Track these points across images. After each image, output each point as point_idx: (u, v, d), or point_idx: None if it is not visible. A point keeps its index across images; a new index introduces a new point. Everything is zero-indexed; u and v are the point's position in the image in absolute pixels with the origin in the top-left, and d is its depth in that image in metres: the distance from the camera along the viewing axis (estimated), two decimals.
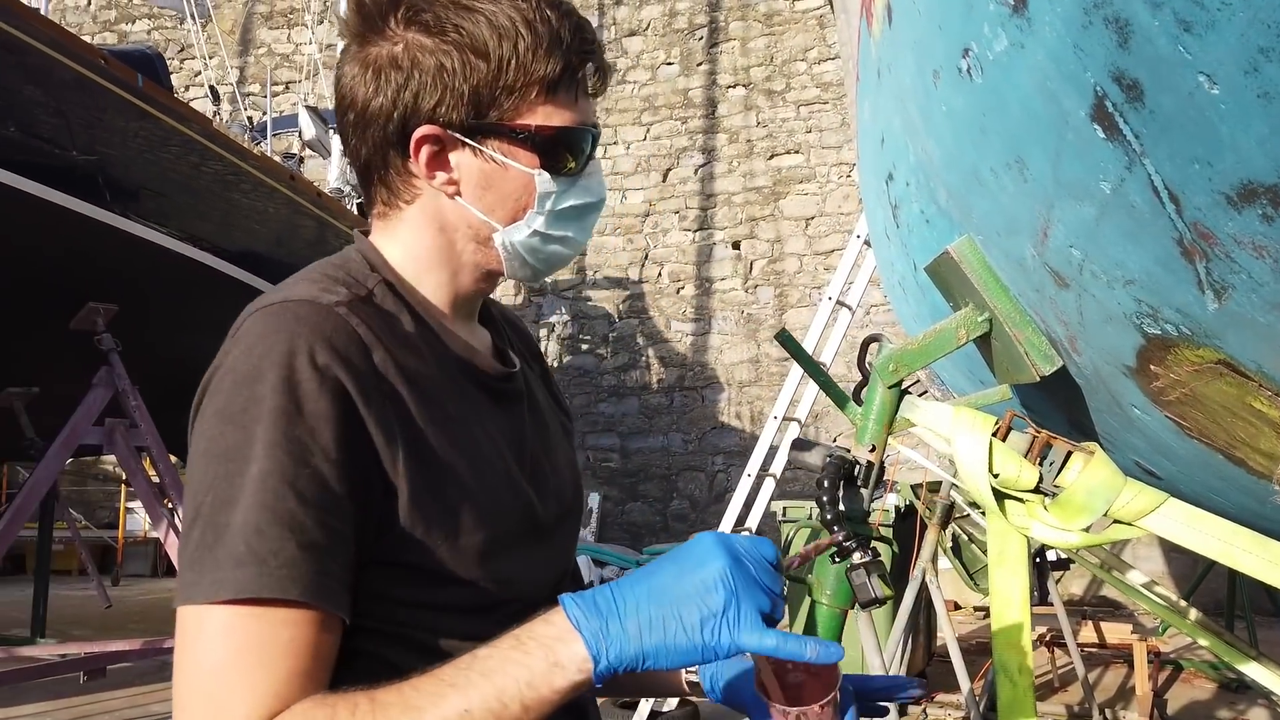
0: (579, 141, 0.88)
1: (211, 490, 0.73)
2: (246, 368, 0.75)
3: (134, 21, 12.97)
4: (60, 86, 5.14)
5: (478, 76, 0.83)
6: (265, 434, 0.73)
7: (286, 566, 0.71)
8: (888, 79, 1.34)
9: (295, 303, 0.79)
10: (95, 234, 5.35)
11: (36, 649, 5.36)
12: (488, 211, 0.87)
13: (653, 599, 0.70)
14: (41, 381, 5.61)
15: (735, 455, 11.37)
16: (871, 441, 1.37)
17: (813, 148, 11.59)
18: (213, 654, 0.71)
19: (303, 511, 0.72)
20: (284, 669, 0.71)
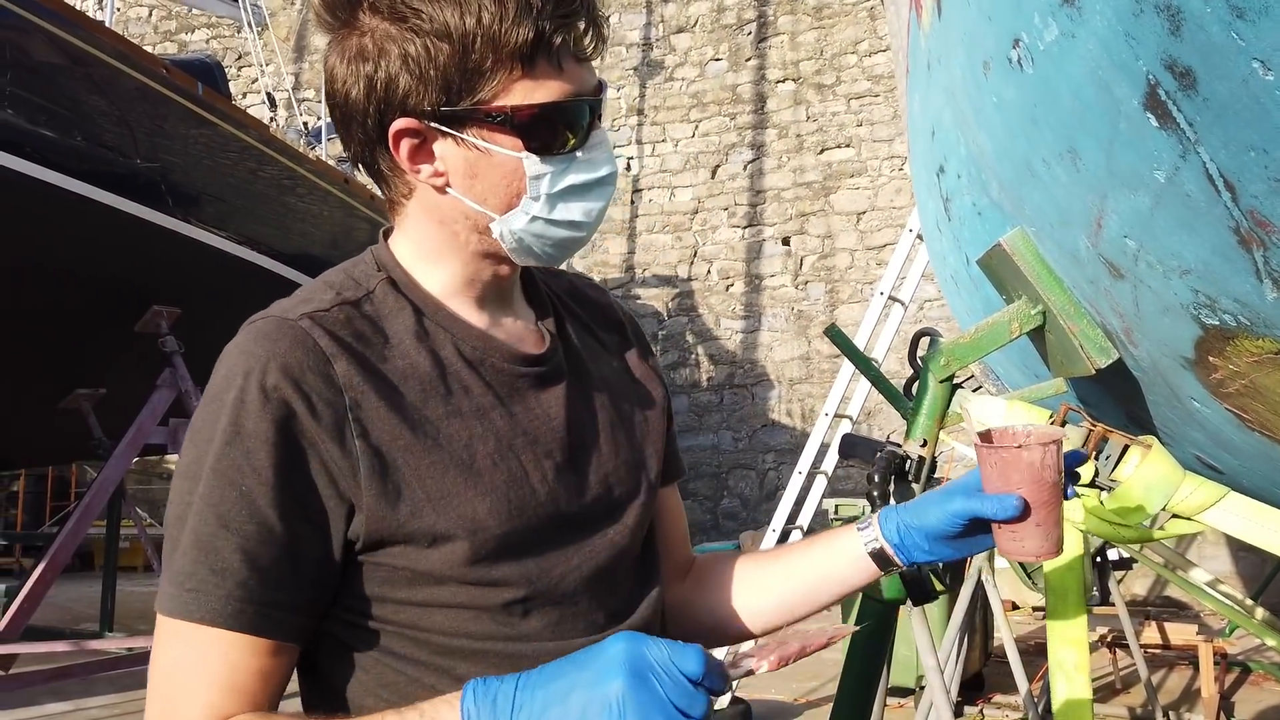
0: (569, 116, 0.80)
1: (172, 505, 0.78)
2: (214, 388, 0.78)
3: (193, 31, 13.31)
4: (124, 96, 5.30)
5: (444, 59, 0.77)
6: (210, 457, 0.76)
7: (193, 591, 0.74)
8: (938, 71, 1.32)
9: (264, 320, 0.80)
10: (158, 239, 5.50)
11: (105, 642, 5.53)
12: (480, 201, 0.82)
13: (548, 708, 0.66)
14: (108, 383, 5.79)
15: (786, 453, 11.31)
16: (923, 436, 1.36)
17: (864, 141, 11.47)
18: (163, 658, 0.77)
19: (222, 536, 0.74)
20: (218, 683, 0.75)
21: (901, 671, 5.07)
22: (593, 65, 0.83)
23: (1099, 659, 6.28)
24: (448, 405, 0.82)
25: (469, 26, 0.76)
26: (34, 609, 4.77)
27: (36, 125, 4.80)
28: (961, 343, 1.36)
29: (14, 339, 5.23)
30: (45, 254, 5.01)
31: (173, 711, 0.76)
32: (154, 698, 0.77)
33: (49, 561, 4.78)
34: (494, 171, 0.81)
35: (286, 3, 13.19)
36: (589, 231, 0.85)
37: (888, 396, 1.51)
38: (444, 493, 0.79)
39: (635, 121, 12.44)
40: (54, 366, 5.64)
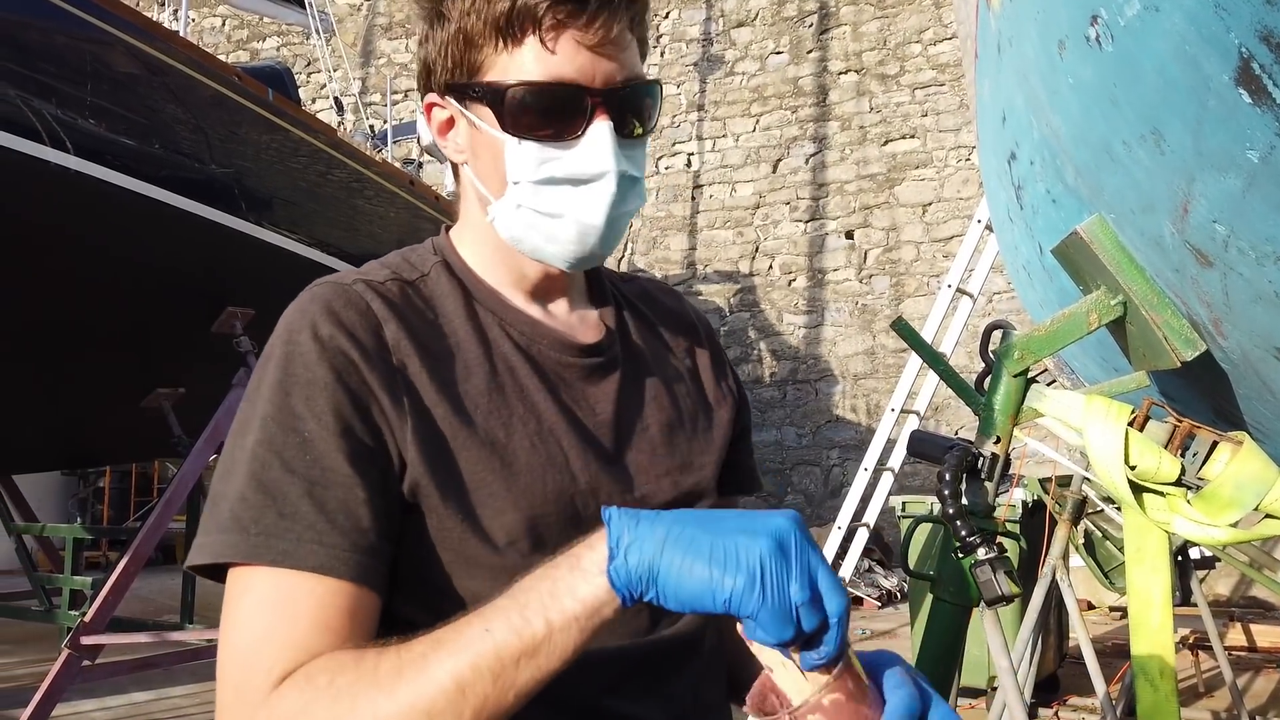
0: (548, 100, 0.76)
1: (220, 463, 0.76)
2: (267, 349, 0.78)
3: (265, 39, 13.67)
4: (200, 104, 5.46)
5: (446, 35, 0.79)
6: (263, 407, 0.74)
7: (264, 535, 0.71)
8: (1009, 54, 1.28)
9: (320, 285, 0.81)
10: (233, 242, 5.66)
11: (186, 634, 5.71)
12: (484, 181, 0.82)
13: (699, 524, 0.62)
14: (186, 382, 5.97)
15: (851, 449, 11.16)
16: (996, 433, 1.32)
17: (929, 131, 11.25)
18: (236, 612, 0.72)
19: (287, 480, 0.72)
20: (305, 623, 0.70)
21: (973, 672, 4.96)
22: (621, 57, 0.78)
23: (1181, 661, 6.06)
24: (491, 384, 0.81)
25: (464, 4, 0.77)
26: (119, 601, 4.93)
27: (117, 134, 4.97)
28: (1036, 335, 1.31)
29: (99, 341, 5.43)
30: (126, 259, 5.19)
31: (253, 657, 0.69)
32: (228, 651, 0.71)
33: (132, 555, 4.94)
34: (485, 150, 0.81)
35: (353, 9, 13.46)
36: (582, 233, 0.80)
37: (959, 392, 1.46)
38: (478, 469, 0.78)
39: (695, 117, 12.39)
40: (136, 367, 5.84)
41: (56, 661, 4.69)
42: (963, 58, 2.48)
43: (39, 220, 4.64)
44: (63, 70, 4.69)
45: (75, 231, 4.83)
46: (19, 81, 4.48)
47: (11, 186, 4.42)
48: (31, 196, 4.53)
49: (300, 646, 0.69)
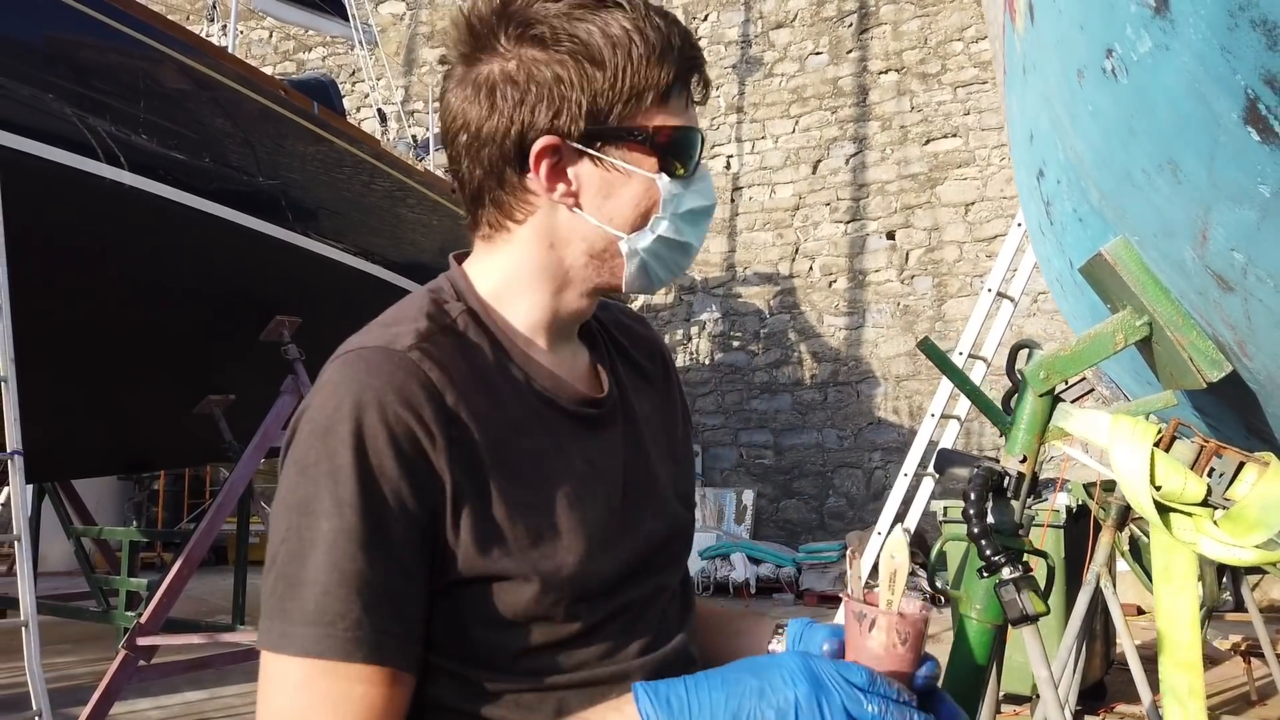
0: (692, 144, 0.87)
1: (285, 542, 0.76)
2: (322, 418, 0.77)
3: (310, 50, 13.92)
4: (247, 118, 5.59)
5: (594, 85, 0.82)
6: (336, 490, 0.75)
7: (352, 629, 0.73)
8: (1033, 76, 1.29)
9: (370, 350, 0.80)
10: (280, 252, 5.78)
11: (237, 634, 5.84)
12: (607, 220, 0.86)
13: (727, 706, 0.70)
14: (237, 389, 6.11)
15: (894, 451, 11.07)
16: (1022, 452, 1.33)
17: (971, 130, 11.13)
18: (291, 702, 0.74)
19: (370, 572, 0.75)
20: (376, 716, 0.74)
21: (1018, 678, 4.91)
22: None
23: (1232, 668, 5.93)
24: (526, 443, 0.84)
25: (621, 59, 0.82)
26: (173, 602, 5.07)
27: (168, 149, 5.11)
28: (1062, 355, 1.32)
29: (153, 350, 5.59)
30: (178, 269, 5.33)
31: None
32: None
33: (185, 558, 5.08)
34: (628, 190, 0.86)
35: (395, 19, 13.65)
36: (693, 257, 0.92)
37: (985, 410, 1.47)
38: (531, 533, 0.81)
39: (734, 119, 12.38)
40: (188, 374, 5.99)
41: (114, 661, 4.84)
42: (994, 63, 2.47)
43: (95, 234, 4.80)
44: (116, 87, 4.84)
45: (129, 244, 4.98)
46: (75, 99, 4.63)
47: (69, 202, 4.57)
48: (88, 211, 4.68)
49: None
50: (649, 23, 0.83)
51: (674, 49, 0.83)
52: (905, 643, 0.78)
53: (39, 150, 4.43)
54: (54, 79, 4.57)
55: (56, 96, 4.57)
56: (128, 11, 4.88)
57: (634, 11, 0.83)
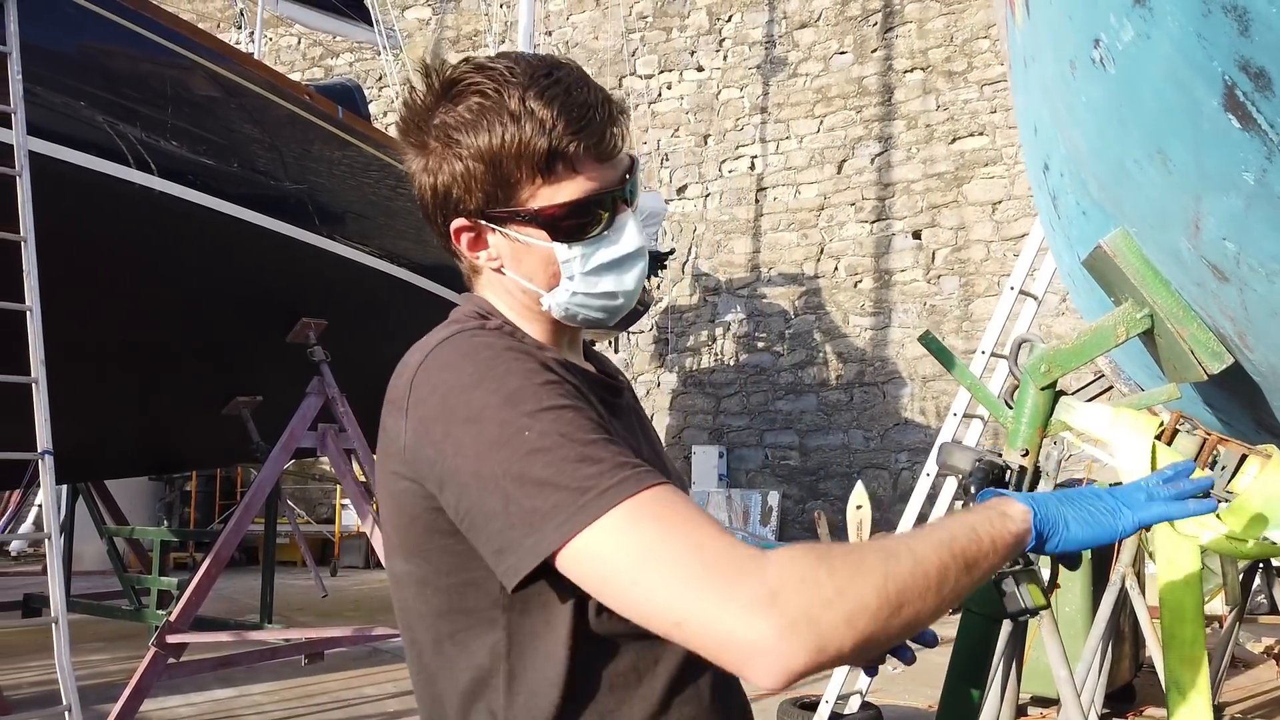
0: (588, 210, 0.95)
1: (513, 468, 0.82)
2: (465, 378, 0.87)
3: (338, 55, 14.08)
4: (273, 123, 5.67)
5: (480, 174, 0.94)
6: (536, 401, 0.84)
7: (633, 465, 0.82)
8: (1033, 69, 1.29)
9: (468, 331, 0.94)
10: (306, 256, 5.85)
11: (264, 633, 5.92)
12: (529, 279, 0.98)
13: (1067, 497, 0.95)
14: (264, 390, 6.19)
15: (921, 452, 10.99)
16: (1024, 445, 1.33)
17: (998, 128, 11.03)
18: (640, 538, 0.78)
19: (603, 438, 0.84)
20: (710, 521, 0.81)
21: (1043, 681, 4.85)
22: (621, 155, 0.97)
23: (1266, 671, 5.83)
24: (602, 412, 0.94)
25: (495, 147, 0.93)
26: (201, 601, 5.15)
27: (197, 154, 5.19)
28: (1063, 349, 1.31)
29: (183, 352, 5.68)
30: (207, 273, 5.41)
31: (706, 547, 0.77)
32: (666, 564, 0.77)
33: (214, 557, 5.16)
34: (533, 258, 0.97)
35: (422, 24, 13.78)
36: (627, 299, 1.01)
37: (986, 404, 1.47)
38: None
39: (759, 120, 12.36)
40: (217, 376, 6.08)
41: (144, 659, 4.92)
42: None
43: (125, 238, 4.89)
44: (146, 94, 4.92)
45: (158, 248, 5.06)
46: (106, 106, 4.72)
47: (100, 207, 4.66)
48: (118, 216, 4.76)
49: (721, 527, 0.80)
50: (524, 108, 0.92)
51: (546, 128, 0.92)
52: None
53: (71, 156, 4.52)
54: (85, 87, 4.66)
55: (88, 104, 4.66)
56: (158, 20, 4.97)
57: (516, 99, 0.92)
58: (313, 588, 9.80)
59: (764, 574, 0.75)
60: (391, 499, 0.93)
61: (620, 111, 0.97)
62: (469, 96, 0.94)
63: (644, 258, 1.00)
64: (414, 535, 0.91)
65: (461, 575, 0.89)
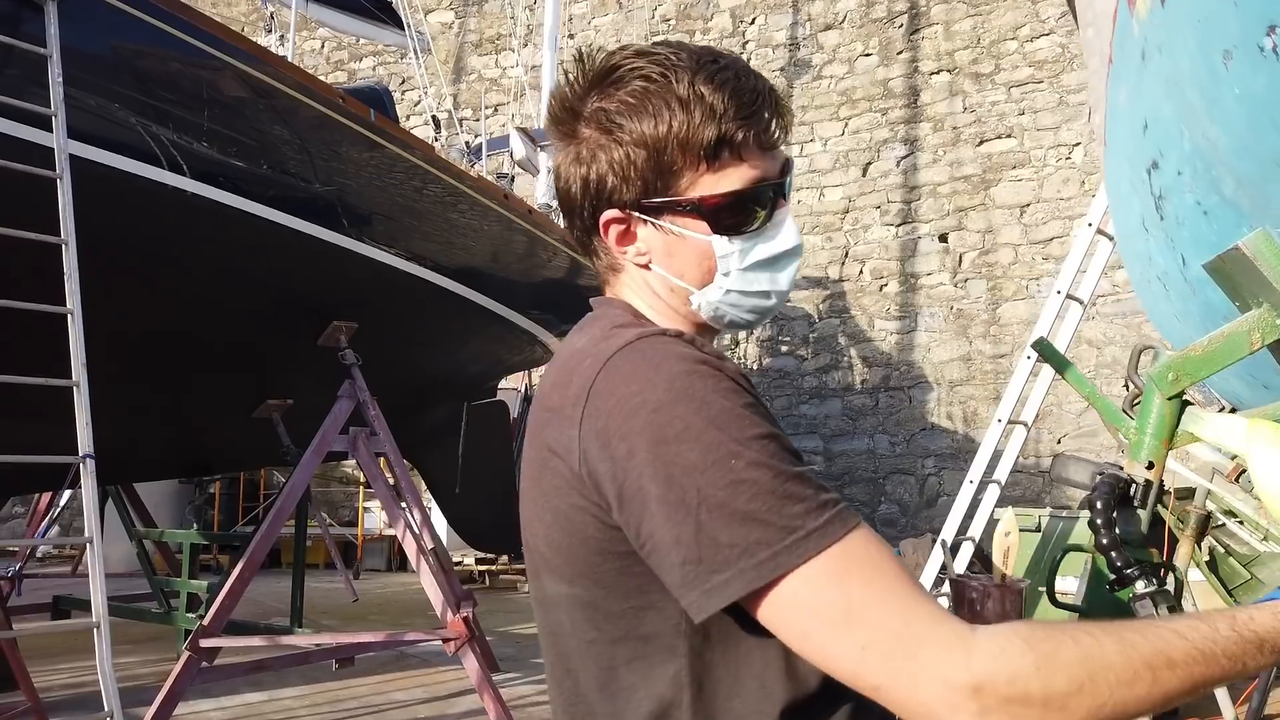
0: (751, 200, 0.91)
1: (711, 497, 0.76)
2: (657, 395, 0.80)
3: (361, 59, 14.10)
4: (304, 126, 5.65)
5: (641, 163, 0.90)
6: (740, 429, 0.78)
7: (834, 504, 0.77)
8: (1156, 61, 1.22)
9: (650, 338, 0.86)
10: (336, 258, 5.83)
11: (296, 637, 5.89)
12: (680, 276, 0.94)
13: None
14: (294, 394, 6.17)
15: (947, 458, 10.89)
16: (1149, 458, 1.26)
17: (1026, 130, 10.93)
18: (845, 594, 0.74)
19: (802, 472, 0.78)
20: (911, 580, 0.76)
21: None
22: (780, 148, 0.94)
23: None
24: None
25: (661, 134, 0.89)
26: (234, 604, 5.12)
27: (228, 156, 5.17)
28: (1192, 356, 1.25)
29: (213, 355, 5.66)
30: (237, 275, 5.40)
31: (913, 615, 0.74)
32: (870, 626, 0.74)
33: (247, 560, 5.13)
34: (688, 252, 0.93)
35: (445, 27, 13.78)
36: (779, 299, 0.97)
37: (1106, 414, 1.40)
38: None
39: None
40: (247, 379, 6.07)
41: (177, 663, 4.90)
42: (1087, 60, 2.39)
43: (158, 240, 4.87)
44: (180, 96, 4.91)
45: (192, 250, 5.05)
46: (139, 108, 4.70)
47: (133, 209, 4.64)
48: (151, 218, 4.75)
49: (921, 588, 0.77)
50: (692, 92, 0.88)
51: (716, 114, 0.88)
52: (1015, 611, 0.84)
53: (105, 158, 4.51)
54: (120, 88, 4.65)
55: (122, 105, 4.65)
56: (193, 22, 4.95)
57: (684, 83, 0.89)
58: (336, 590, 9.79)
59: (970, 659, 0.71)
60: (554, 516, 0.86)
61: (782, 101, 0.93)
62: (632, 81, 0.90)
63: (799, 256, 0.96)
64: (583, 557, 0.85)
65: (638, 600, 0.83)
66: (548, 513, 0.86)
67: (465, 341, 7.48)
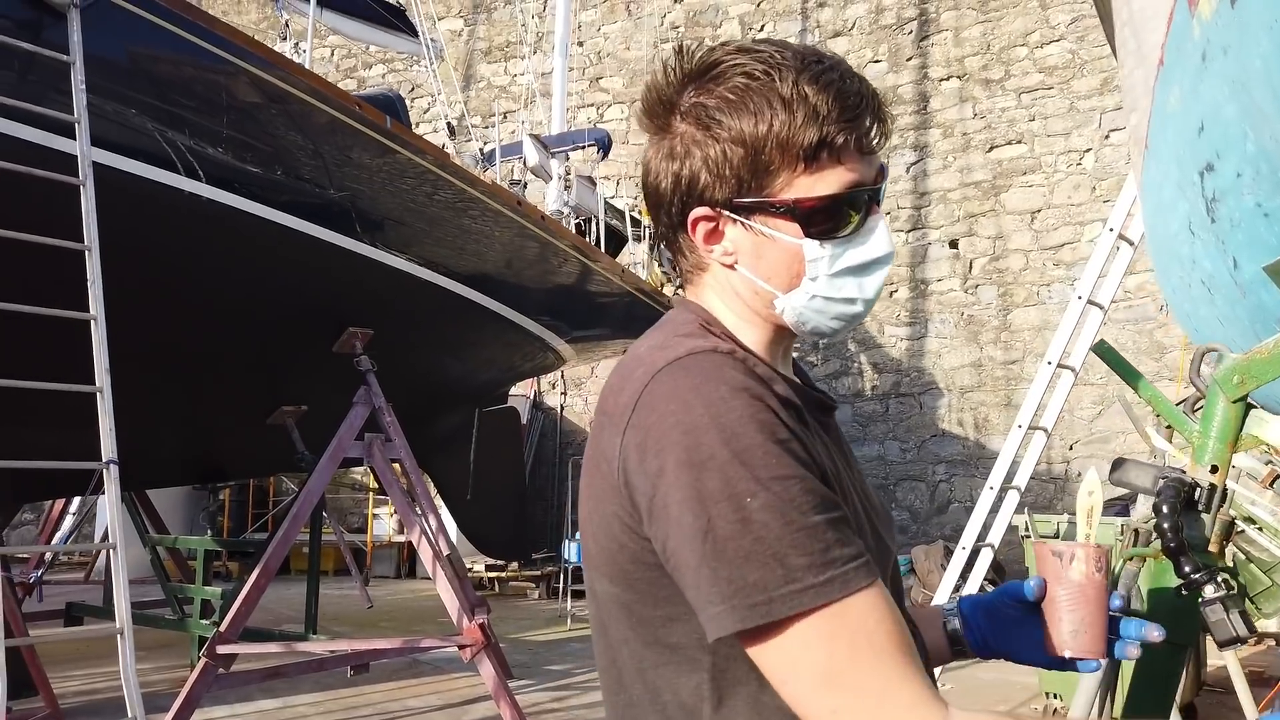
0: (846, 205, 0.90)
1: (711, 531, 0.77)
2: (693, 417, 0.80)
3: (371, 67, 14.14)
4: (319, 132, 5.65)
5: (737, 161, 0.89)
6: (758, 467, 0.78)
7: (850, 558, 0.77)
8: (1220, 62, 1.22)
9: (700, 354, 0.85)
10: (350, 264, 5.83)
11: (311, 644, 5.88)
12: (765, 279, 0.92)
13: None
14: (309, 400, 6.16)
15: (958, 464, 10.86)
16: (1213, 461, 1.25)
17: (1037, 136, 10.93)
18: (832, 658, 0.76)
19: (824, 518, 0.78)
20: (904, 650, 0.77)
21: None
22: (877, 154, 0.92)
23: None
24: (817, 437, 0.89)
25: (761, 132, 0.87)
26: (251, 611, 5.12)
27: (245, 163, 5.18)
28: (1258, 358, 1.24)
29: (229, 360, 5.66)
30: (252, 281, 5.40)
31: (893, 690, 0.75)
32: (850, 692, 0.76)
33: (263, 567, 5.12)
34: (777, 254, 0.91)
35: (454, 35, 13.82)
36: (866, 307, 0.94)
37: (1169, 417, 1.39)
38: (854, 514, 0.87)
39: None
40: (262, 385, 6.06)
41: (195, 670, 4.88)
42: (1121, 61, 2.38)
43: (174, 245, 4.87)
44: (195, 103, 4.91)
45: (208, 256, 5.05)
46: (156, 114, 4.71)
47: (150, 214, 4.64)
48: (168, 223, 4.75)
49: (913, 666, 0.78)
50: (795, 92, 0.87)
51: (819, 116, 0.86)
52: (1100, 570, 0.93)
53: (123, 164, 4.51)
54: (137, 94, 4.65)
55: (139, 111, 4.65)
56: (217, 31, 4.96)
57: (787, 82, 0.87)
58: (346, 597, 9.76)
59: None
60: (601, 519, 0.88)
61: (884, 106, 0.91)
62: (733, 78, 0.88)
63: (890, 264, 0.94)
64: (620, 561, 0.87)
65: (667, 609, 0.85)
66: (596, 514, 0.89)
67: (479, 347, 7.48)
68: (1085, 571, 0.93)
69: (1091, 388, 9.96)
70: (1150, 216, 2.21)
